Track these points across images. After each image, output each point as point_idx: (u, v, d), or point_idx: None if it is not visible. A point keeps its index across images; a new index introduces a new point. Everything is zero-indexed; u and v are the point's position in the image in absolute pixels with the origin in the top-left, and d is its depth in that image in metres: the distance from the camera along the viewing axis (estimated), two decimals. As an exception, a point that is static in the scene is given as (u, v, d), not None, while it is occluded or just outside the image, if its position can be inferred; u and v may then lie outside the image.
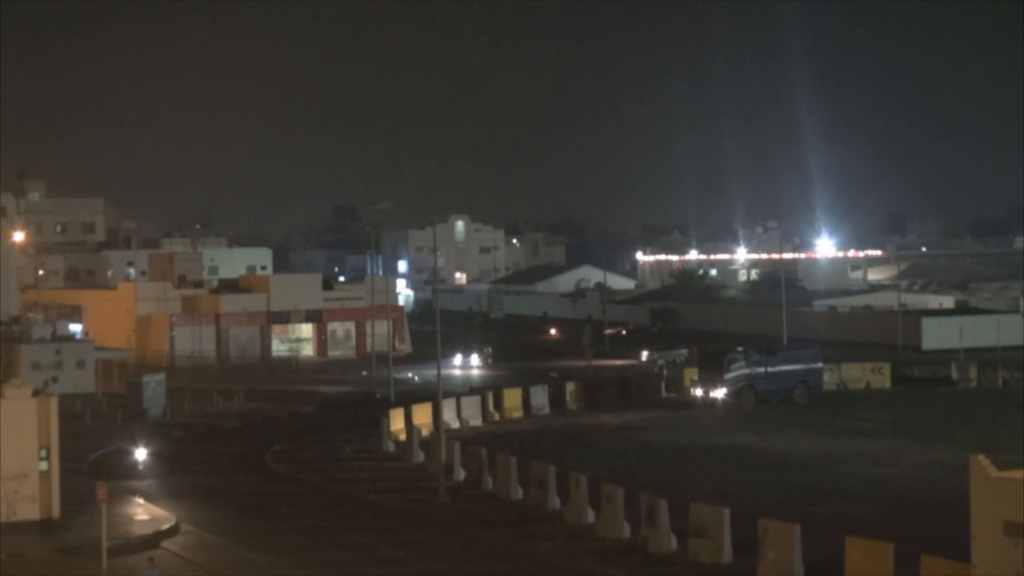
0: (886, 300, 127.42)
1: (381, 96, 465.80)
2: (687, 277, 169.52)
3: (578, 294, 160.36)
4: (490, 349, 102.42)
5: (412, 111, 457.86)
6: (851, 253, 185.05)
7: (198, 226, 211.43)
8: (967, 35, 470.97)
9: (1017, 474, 26.72)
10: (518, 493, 44.48)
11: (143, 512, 42.97)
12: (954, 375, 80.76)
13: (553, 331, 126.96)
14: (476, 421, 66.39)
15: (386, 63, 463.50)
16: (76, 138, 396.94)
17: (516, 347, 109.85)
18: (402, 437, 58.59)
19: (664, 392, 76.65)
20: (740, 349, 75.46)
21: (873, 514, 41.29)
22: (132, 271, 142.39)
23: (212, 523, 42.27)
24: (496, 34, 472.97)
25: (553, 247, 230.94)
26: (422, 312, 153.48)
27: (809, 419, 65.59)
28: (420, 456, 53.80)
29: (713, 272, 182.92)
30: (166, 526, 40.71)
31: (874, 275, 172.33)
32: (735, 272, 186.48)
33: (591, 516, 39.48)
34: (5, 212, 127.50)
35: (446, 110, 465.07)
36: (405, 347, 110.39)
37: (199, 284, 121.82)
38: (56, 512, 39.40)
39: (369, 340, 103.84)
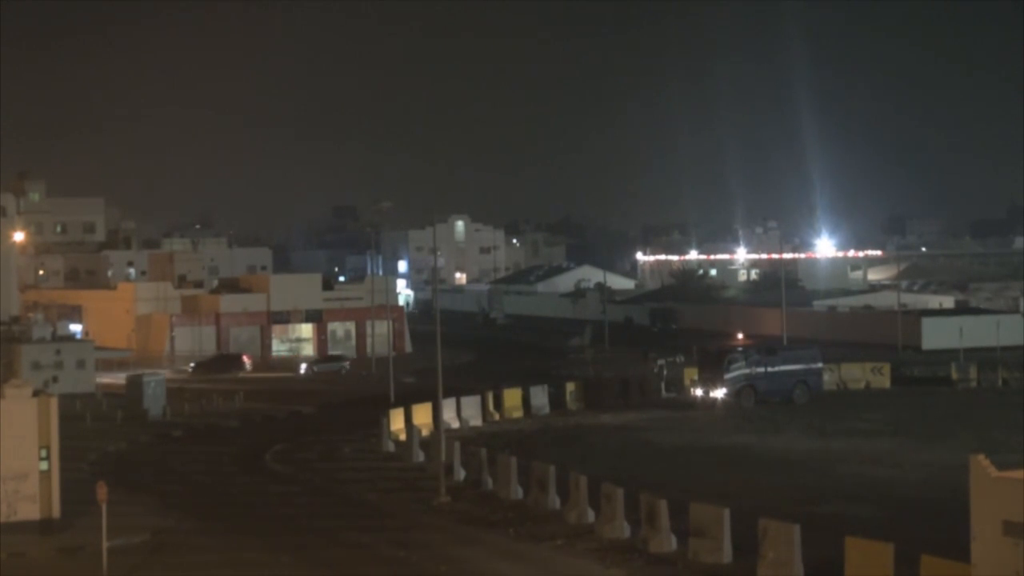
0: (886, 300, 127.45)
1: (381, 96, 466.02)
2: (687, 277, 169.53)
3: (578, 294, 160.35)
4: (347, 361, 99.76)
5: (412, 112, 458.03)
6: (851, 253, 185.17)
7: (198, 226, 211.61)
8: (967, 35, 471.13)
9: (1017, 474, 26.72)
10: (518, 493, 44.45)
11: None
12: (954, 375, 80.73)
13: (740, 335, 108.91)
14: (476, 421, 66.39)
15: (386, 63, 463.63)
16: (76, 138, 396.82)
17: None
18: (402, 437, 58.60)
19: (664, 392, 76.61)
20: (740, 349, 75.43)
21: (873, 514, 41.27)
22: (132, 271, 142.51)
23: (212, 522, 42.30)
24: (496, 35, 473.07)
25: (553, 247, 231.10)
26: (422, 312, 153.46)
27: (809, 419, 65.57)
28: (420, 456, 53.79)
29: (713, 272, 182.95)
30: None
31: (874, 275, 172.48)
32: (735, 272, 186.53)
33: (591, 516, 39.46)
34: (5, 212, 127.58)
35: (447, 110, 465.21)
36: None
37: (199, 284, 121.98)
38: (56, 512, 39.39)
39: (369, 340, 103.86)
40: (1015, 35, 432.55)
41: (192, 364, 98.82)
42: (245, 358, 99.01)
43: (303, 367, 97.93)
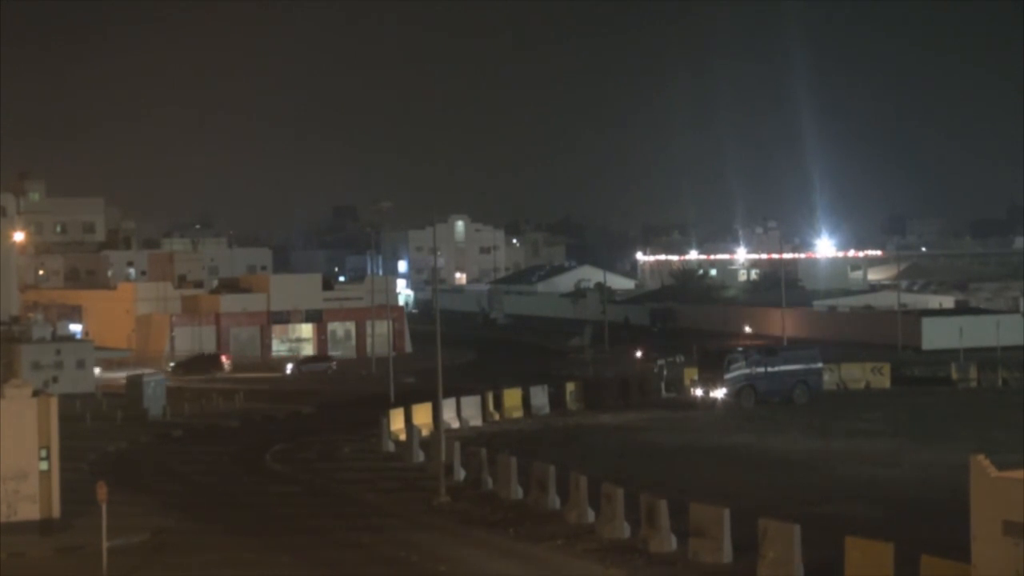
0: (886, 300, 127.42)
1: (381, 96, 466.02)
2: (687, 277, 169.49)
3: (578, 294, 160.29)
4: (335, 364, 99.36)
5: (412, 112, 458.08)
6: (851, 253, 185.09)
7: (198, 226, 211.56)
8: (967, 35, 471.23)
9: (1017, 474, 26.72)
10: (518, 493, 44.45)
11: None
12: (954, 375, 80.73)
13: (748, 330, 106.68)
14: (476, 421, 66.37)
15: (386, 63, 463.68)
16: (76, 138, 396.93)
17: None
18: (402, 437, 58.60)
19: (664, 392, 76.60)
20: (740, 349, 75.42)
21: (873, 514, 41.26)
22: (132, 271, 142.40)
23: (212, 522, 42.30)
24: (496, 34, 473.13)
25: (553, 247, 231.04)
26: (422, 312, 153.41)
27: (809, 419, 65.57)
28: (420, 456, 53.79)
29: (713, 272, 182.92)
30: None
31: (874, 275, 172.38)
32: (735, 272, 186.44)
33: (591, 516, 39.46)
34: (5, 212, 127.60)
35: (446, 110, 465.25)
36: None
37: (199, 284, 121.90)
38: (56, 512, 39.40)
39: (369, 340, 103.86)
40: (1015, 35, 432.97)
41: (171, 364, 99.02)
42: (224, 358, 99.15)
43: (289, 367, 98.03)
